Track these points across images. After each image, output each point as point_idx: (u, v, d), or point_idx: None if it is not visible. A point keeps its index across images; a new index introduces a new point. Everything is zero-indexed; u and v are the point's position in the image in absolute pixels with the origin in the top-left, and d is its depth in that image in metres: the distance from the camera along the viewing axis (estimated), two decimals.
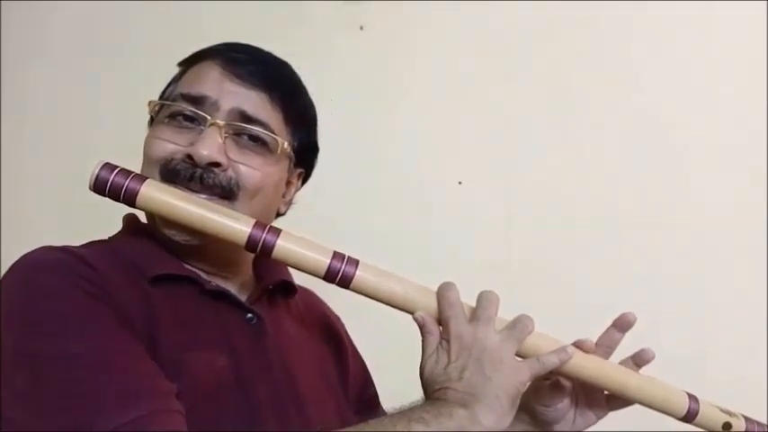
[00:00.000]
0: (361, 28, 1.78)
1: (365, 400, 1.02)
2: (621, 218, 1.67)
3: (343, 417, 0.90)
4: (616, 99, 1.70)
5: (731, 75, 1.68)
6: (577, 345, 0.86)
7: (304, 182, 0.98)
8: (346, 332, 1.06)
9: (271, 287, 0.93)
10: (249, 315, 0.84)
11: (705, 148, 1.66)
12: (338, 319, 1.07)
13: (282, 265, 0.94)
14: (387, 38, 1.78)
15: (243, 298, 0.88)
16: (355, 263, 0.79)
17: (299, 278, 0.93)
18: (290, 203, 0.96)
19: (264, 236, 0.78)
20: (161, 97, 0.91)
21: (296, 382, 0.84)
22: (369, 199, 1.74)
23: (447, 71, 1.77)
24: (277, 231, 0.79)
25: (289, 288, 0.96)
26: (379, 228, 1.71)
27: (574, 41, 1.74)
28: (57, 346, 0.67)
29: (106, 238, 0.89)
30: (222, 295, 0.84)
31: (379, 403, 1.05)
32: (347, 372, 1.00)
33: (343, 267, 0.78)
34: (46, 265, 0.75)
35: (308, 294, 1.04)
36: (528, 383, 0.79)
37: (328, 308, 1.07)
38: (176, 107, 0.85)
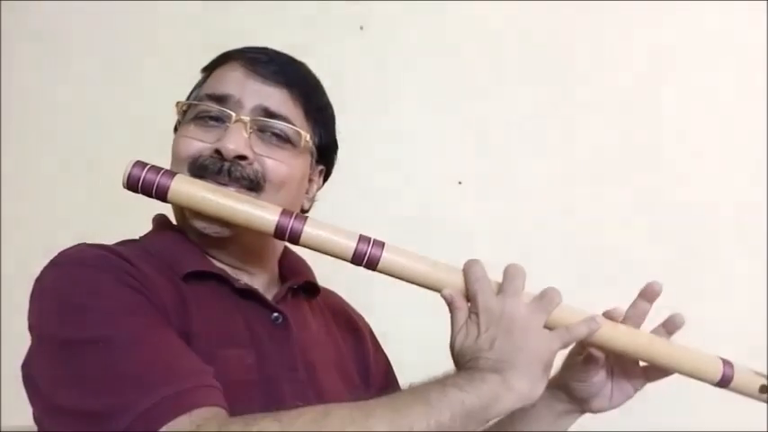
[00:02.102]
0: (361, 28, 1.82)
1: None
2: (621, 218, 1.72)
3: None
4: (617, 99, 1.76)
5: (733, 72, 1.75)
6: (606, 315, 0.89)
7: (325, 179, 1.04)
8: (371, 332, 1.11)
9: (295, 287, 0.98)
10: (275, 314, 0.90)
11: (707, 148, 1.73)
12: (362, 318, 1.12)
13: (306, 266, 1.02)
14: (387, 38, 1.82)
15: (269, 297, 0.93)
16: (381, 245, 0.84)
17: (323, 272, 0.98)
18: (312, 200, 1.01)
19: (292, 223, 0.83)
20: (188, 99, 0.96)
21: (319, 381, 0.89)
22: (368, 199, 1.77)
23: (447, 71, 1.81)
24: (304, 218, 0.84)
25: (312, 289, 1.02)
26: (378, 227, 1.72)
27: (575, 42, 1.79)
28: (101, 331, 0.72)
29: (137, 237, 0.94)
30: (250, 294, 0.89)
31: None
32: (369, 371, 1.03)
33: (370, 250, 0.83)
34: (86, 259, 0.80)
35: (332, 295, 1.09)
36: (557, 351, 0.82)
37: (352, 308, 1.12)
38: (202, 107, 0.90)
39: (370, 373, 1.04)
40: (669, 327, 0.92)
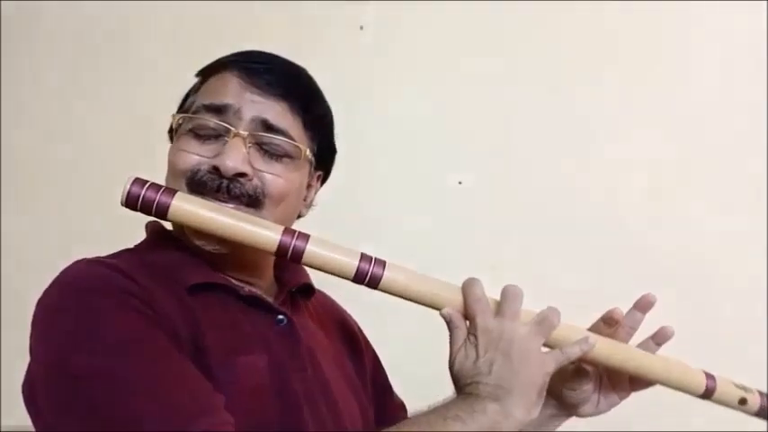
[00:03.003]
0: (361, 28, 1.83)
1: (378, 384, 1.10)
2: (622, 218, 1.74)
3: (364, 412, 0.98)
4: (618, 99, 1.77)
5: (735, 68, 1.77)
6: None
7: (323, 183, 1.04)
8: (360, 330, 1.13)
9: (294, 290, 0.99)
10: (280, 317, 0.90)
11: (707, 151, 1.74)
12: (351, 317, 1.14)
13: (301, 267, 1.00)
14: (387, 38, 1.84)
15: (269, 301, 0.94)
16: (382, 264, 0.85)
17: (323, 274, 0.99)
18: (310, 205, 1.01)
19: (294, 242, 0.84)
20: (180, 108, 0.95)
21: (324, 379, 0.91)
22: (368, 199, 1.80)
23: (447, 71, 1.83)
24: (306, 237, 0.85)
25: (308, 290, 1.03)
26: (378, 228, 1.76)
27: (576, 41, 1.80)
28: (104, 363, 0.72)
29: (131, 246, 0.94)
30: (256, 300, 0.90)
31: (389, 385, 1.13)
32: (364, 367, 1.07)
33: (371, 269, 0.84)
34: (89, 282, 0.79)
35: (323, 296, 1.11)
36: (552, 373, 0.84)
37: (342, 308, 1.14)
38: (199, 119, 0.89)
39: (365, 370, 1.07)
40: (658, 338, 0.96)
